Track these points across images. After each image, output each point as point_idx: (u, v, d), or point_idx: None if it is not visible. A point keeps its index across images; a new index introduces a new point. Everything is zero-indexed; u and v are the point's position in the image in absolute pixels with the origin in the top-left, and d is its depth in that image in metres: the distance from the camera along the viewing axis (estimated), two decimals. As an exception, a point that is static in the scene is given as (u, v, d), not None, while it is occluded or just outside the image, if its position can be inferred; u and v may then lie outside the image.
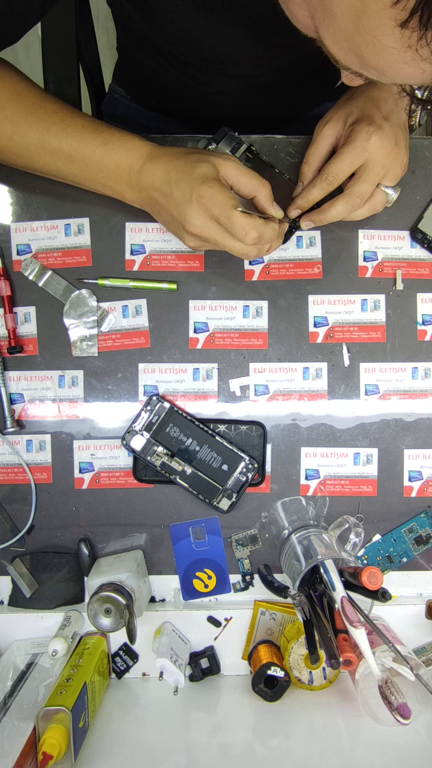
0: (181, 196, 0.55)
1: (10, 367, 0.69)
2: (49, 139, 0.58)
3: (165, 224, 0.62)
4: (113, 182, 0.60)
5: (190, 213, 0.55)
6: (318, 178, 0.60)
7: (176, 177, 0.55)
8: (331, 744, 0.61)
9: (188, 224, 0.56)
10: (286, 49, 0.61)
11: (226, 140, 0.66)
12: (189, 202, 0.54)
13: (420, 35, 0.31)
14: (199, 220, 0.55)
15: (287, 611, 0.70)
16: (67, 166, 0.60)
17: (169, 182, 0.56)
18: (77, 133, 0.58)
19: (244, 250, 0.57)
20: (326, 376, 0.70)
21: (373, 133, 0.56)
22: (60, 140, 0.58)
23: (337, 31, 0.35)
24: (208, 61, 0.64)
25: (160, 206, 0.58)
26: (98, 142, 0.58)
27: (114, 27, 0.74)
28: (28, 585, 0.69)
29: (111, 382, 0.70)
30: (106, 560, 0.68)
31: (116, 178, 0.60)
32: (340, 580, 0.58)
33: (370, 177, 0.58)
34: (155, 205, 0.59)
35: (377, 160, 0.57)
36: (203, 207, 0.54)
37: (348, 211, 0.60)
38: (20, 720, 0.58)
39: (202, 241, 0.58)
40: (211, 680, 0.70)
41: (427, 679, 0.57)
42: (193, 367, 0.70)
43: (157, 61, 0.68)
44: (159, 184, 0.57)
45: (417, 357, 0.70)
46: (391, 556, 0.71)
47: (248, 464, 0.67)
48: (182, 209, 0.55)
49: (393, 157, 0.58)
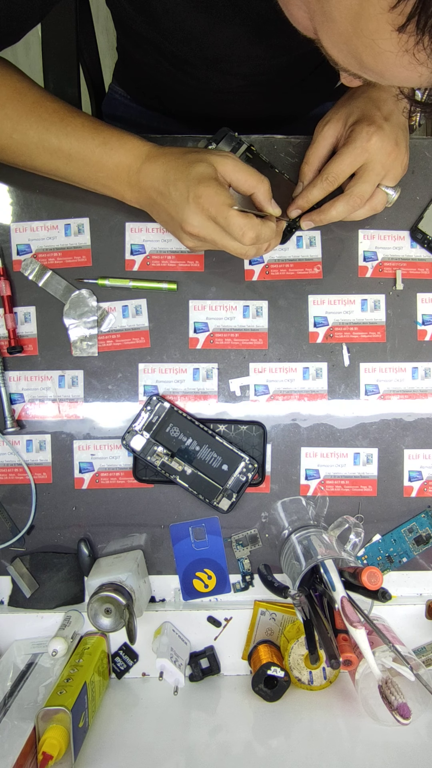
0: (179, 197, 0.55)
1: (10, 367, 0.69)
2: (49, 137, 0.58)
3: (164, 224, 0.62)
4: (112, 182, 0.60)
5: (188, 213, 0.55)
6: (318, 178, 0.60)
7: (174, 177, 0.55)
8: (331, 744, 0.61)
9: (186, 224, 0.56)
10: (285, 48, 0.61)
11: (226, 140, 0.66)
12: (186, 202, 0.54)
13: (417, 39, 0.31)
14: (196, 220, 0.55)
15: (287, 611, 0.70)
16: (67, 165, 0.60)
17: (167, 182, 0.56)
18: (77, 132, 0.58)
19: (243, 249, 0.57)
20: (326, 376, 0.70)
21: (374, 133, 0.56)
22: (60, 139, 0.58)
23: (336, 33, 0.35)
24: (207, 59, 0.64)
25: (159, 206, 0.58)
26: (98, 142, 0.58)
27: (114, 27, 0.74)
28: (28, 585, 0.69)
29: (111, 382, 0.70)
30: (106, 560, 0.68)
31: (115, 178, 0.60)
32: (340, 580, 0.58)
33: (370, 177, 0.58)
34: (154, 206, 0.59)
35: (377, 161, 0.58)
36: (200, 207, 0.54)
37: (348, 212, 0.60)
38: (20, 720, 0.58)
39: (200, 241, 0.58)
40: (211, 680, 0.70)
41: (427, 679, 0.57)
42: (193, 367, 0.70)
43: (157, 59, 0.68)
44: (157, 185, 0.57)
45: (417, 357, 0.70)
46: (391, 556, 0.71)
47: (248, 464, 0.67)
48: (180, 209, 0.55)
49: (393, 157, 0.58)
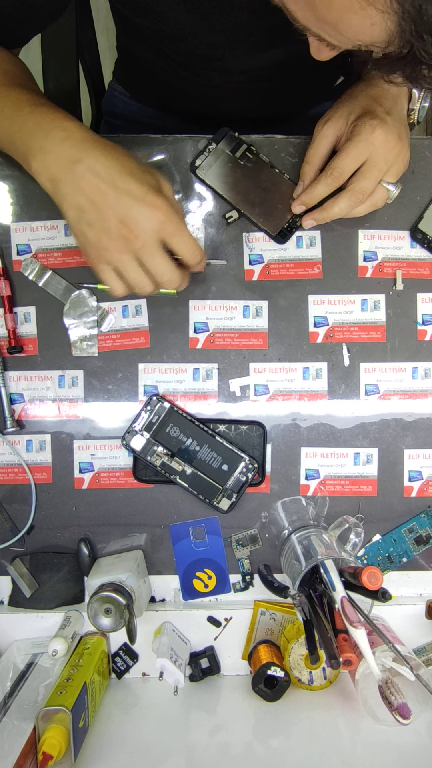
0: (135, 189, 0.50)
1: (10, 367, 0.69)
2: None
3: (74, 210, 0.52)
4: (24, 144, 0.52)
5: (136, 212, 0.50)
6: (323, 175, 0.59)
7: (130, 168, 0.51)
8: (331, 744, 0.61)
9: (129, 220, 0.50)
10: (280, 43, 0.61)
11: (226, 140, 0.66)
12: (140, 200, 0.50)
13: None
14: (147, 223, 0.51)
15: (287, 611, 0.70)
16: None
17: (120, 167, 0.51)
18: (17, 93, 0.54)
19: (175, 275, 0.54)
20: (326, 376, 0.70)
21: (378, 126, 0.56)
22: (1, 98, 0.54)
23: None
24: (204, 57, 0.64)
25: (80, 186, 0.50)
26: (31, 102, 0.53)
27: (114, 27, 0.74)
28: (28, 585, 0.69)
29: (111, 382, 0.70)
30: (106, 560, 0.68)
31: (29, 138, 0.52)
32: (340, 580, 0.58)
33: (373, 173, 0.58)
34: (70, 182, 0.51)
35: (380, 155, 0.57)
36: (155, 215, 0.50)
37: (351, 208, 0.60)
38: (20, 720, 0.58)
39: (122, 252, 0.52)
40: (211, 680, 0.70)
41: (427, 679, 0.57)
42: (193, 367, 0.70)
43: (157, 55, 0.68)
44: (101, 162, 0.50)
45: (417, 357, 0.70)
46: (391, 556, 0.71)
47: (248, 464, 0.67)
48: (126, 204, 0.50)
49: (396, 152, 0.58)
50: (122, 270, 0.53)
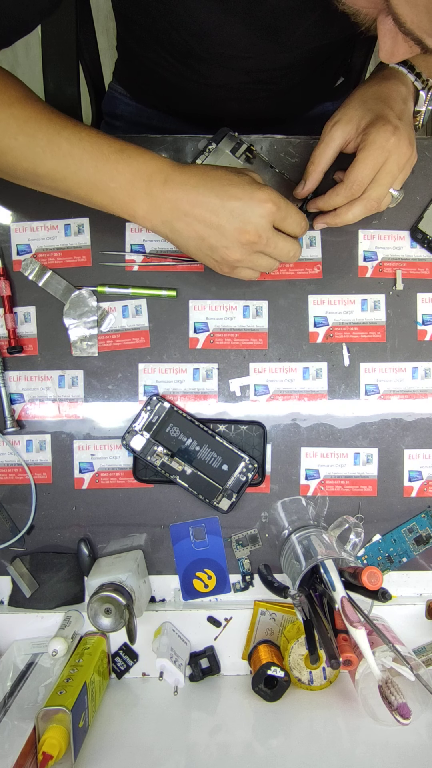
0: (240, 195, 0.53)
1: (10, 367, 0.69)
2: (60, 141, 0.53)
3: (192, 243, 0.56)
4: (125, 194, 0.55)
5: (251, 214, 0.53)
6: (343, 187, 0.59)
7: (221, 182, 0.54)
8: (331, 744, 0.61)
9: (249, 225, 0.54)
10: (291, 45, 0.60)
11: (226, 140, 0.66)
12: (249, 203, 0.53)
13: None
14: (262, 221, 0.54)
15: (287, 611, 0.70)
16: (75, 174, 0.55)
17: (211, 188, 0.54)
18: (91, 137, 0.54)
19: (295, 250, 0.57)
20: (326, 376, 0.70)
21: (392, 133, 0.56)
22: (71, 143, 0.54)
23: None
24: (213, 53, 0.63)
25: (191, 218, 0.54)
26: (114, 149, 0.54)
27: (114, 27, 0.74)
28: (28, 585, 0.69)
29: (111, 382, 0.70)
30: (106, 560, 0.68)
31: (130, 189, 0.55)
32: (340, 580, 0.58)
33: (387, 180, 0.58)
34: (181, 220, 0.55)
35: (394, 162, 0.57)
36: (266, 208, 0.53)
37: (364, 215, 0.60)
38: (20, 720, 0.58)
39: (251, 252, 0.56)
40: (211, 680, 0.70)
41: (427, 679, 0.57)
42: (193, 367, 0.70)
43: (158, 53, 0.68)
44: (193, 194, 0.54)
45: (417, 357, 0.70)
46: (391, 556, 0.71)
47: (248, 464, 0.67)
48: (237, 214, 0.53)
49: (407, 158, 0.58)
50: (255, 266, 0.58)
